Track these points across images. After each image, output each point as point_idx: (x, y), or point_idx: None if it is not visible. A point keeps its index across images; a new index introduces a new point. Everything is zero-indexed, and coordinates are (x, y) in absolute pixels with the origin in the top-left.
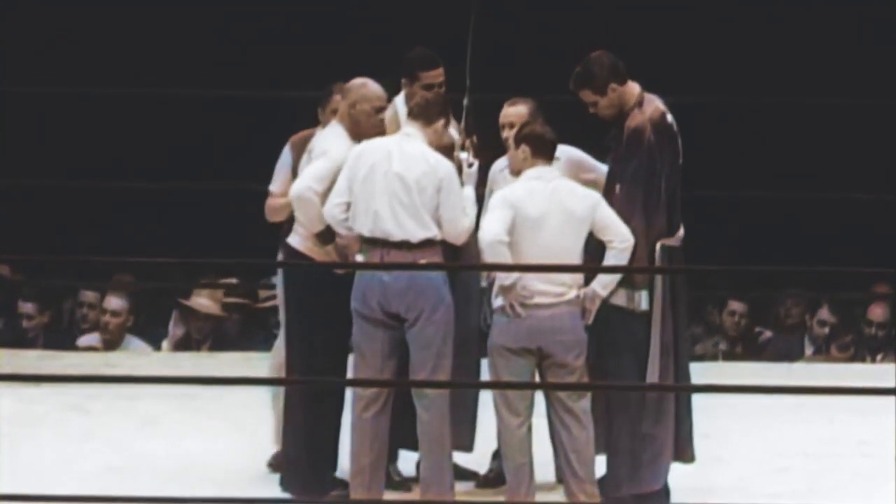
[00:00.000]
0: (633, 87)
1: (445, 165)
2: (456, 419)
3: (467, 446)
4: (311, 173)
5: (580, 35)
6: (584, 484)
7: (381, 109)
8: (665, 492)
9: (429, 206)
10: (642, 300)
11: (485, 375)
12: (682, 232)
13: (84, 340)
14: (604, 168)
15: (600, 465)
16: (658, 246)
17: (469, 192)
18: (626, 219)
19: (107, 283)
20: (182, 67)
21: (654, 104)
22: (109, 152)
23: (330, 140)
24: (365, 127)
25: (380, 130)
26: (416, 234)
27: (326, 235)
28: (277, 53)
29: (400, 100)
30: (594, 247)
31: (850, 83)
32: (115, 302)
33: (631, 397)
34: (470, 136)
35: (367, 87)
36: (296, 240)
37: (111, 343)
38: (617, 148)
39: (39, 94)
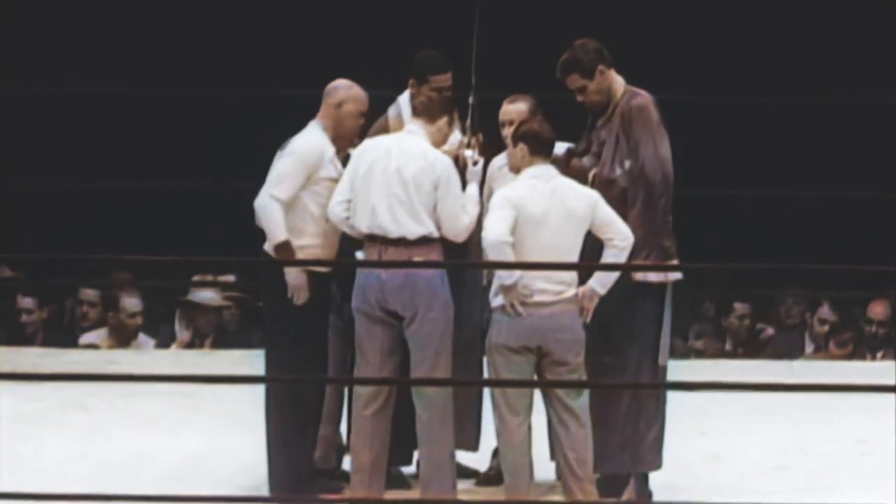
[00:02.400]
0: (619, 78)
1: (444, 162)
2: (460, 419)
3: (472, 446)
4: (271, 178)
5: (584, 33)
6: (583, 483)
7: (364, 113)
8: (644, 480)
9: (426, 203)
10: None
11: (483, 374)
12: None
13: (86, 338)
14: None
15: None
16: (670, 219)
17: (474, 189)
18: (637, 194)
19: (105, 281)
20: (184, 67)
21: (643, 93)
22: (110, 151)
23: (300, 139)
24: (349, 128)
25: (359, 133)
26: (413, 230)
27: (285, 249)
28: (277, 53)
29: (404, 99)
30: (591, 245)
31: (851, 81)
32: (131, 302)
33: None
34: (475, 134)
35: (354, 88)
36: (268, 245)
37: (125, 343)
38: (604, 133)
39: (40, 94)
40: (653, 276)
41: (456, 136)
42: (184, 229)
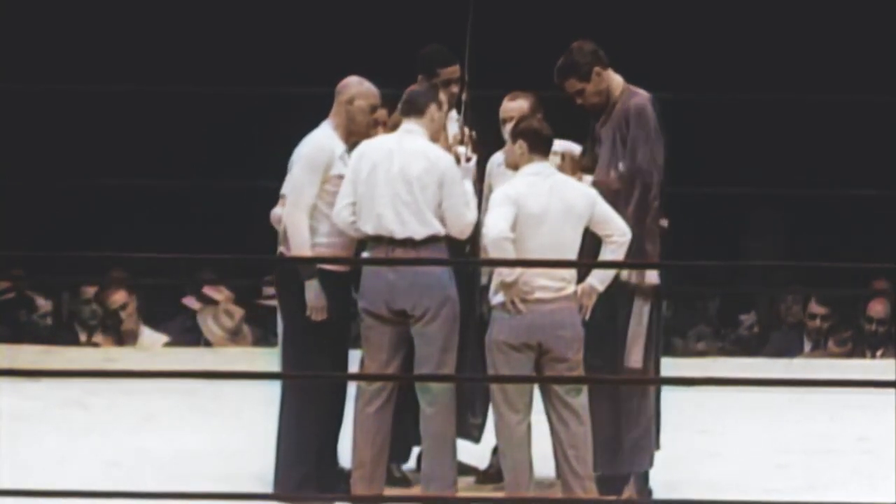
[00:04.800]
0: (618, 77)
1: (446, 160)
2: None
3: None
4: (291, 191)
5: (581, 30)
6: (583, 480)
7: (376, 108)
8: (644, 478)
9: (431, 203)
10: (654, 274)
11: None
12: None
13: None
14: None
15: None
16: (659, 224)
17: (468, 186)
18: (630, 195)
19: (101, 279)
20: (186, 65)
21: (641, 92)
22: (112, 149)
23: (307, 142)
24: (361, 123)
25: (373, 128)
26: (420, 231)
27: (309, 265)
28: (277, 51)
29: None
30: (588, 242)
31: (852, 79)
32: (118, 296)
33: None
34: (469, 131)
35: (364, 84)
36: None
37: (129, 335)
38: (604, 133)
39: (42, 92)
40: (634, 278)
41: (454, 129)
42: (185, 228)
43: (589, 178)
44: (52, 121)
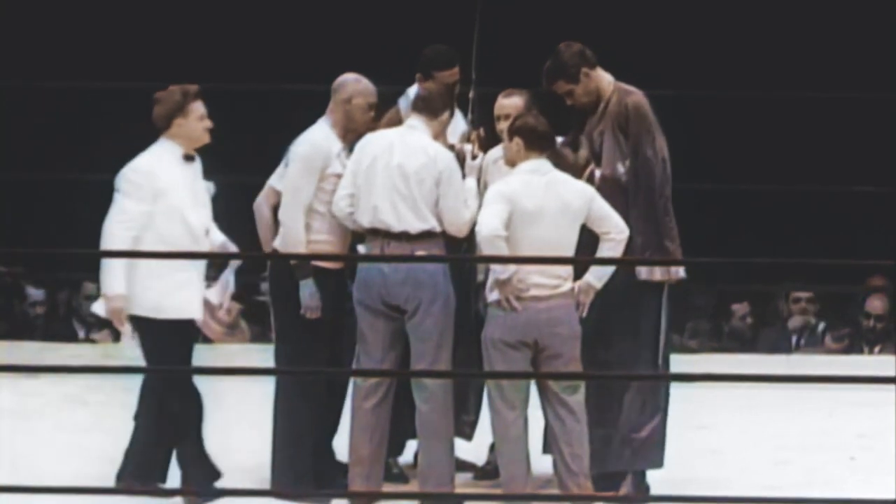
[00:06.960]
0: (607, 75)
1: (445, 157)
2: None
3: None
4: (287, 192)
5: (585, 28)
6: (578, 476)
7: (373, 105)
8: (642, 475)
9: (428, 198)
10: (679, 269)
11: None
12: None
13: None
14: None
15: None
16: (671, 220)
17: (472, 184)
18: (637, 192)
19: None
20: (191, 63)
21: (634, 89)
22: (112, 148)
23: (303, 141)
24: (359, 121)
25: (371, 126)
26: (415, 225)
27: (303, 265)
28: (276, 49)
29: (413, 92)
30: (586, 239)
31: (851, 76)
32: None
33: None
34: (476, 128)
35: (361, 82)
36: (279, 241)
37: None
38: (597, 133)
39: (43, 89)
40: (658, 275)
41: (461, 126)
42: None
43: (597, 172)
44: (52, 117)
